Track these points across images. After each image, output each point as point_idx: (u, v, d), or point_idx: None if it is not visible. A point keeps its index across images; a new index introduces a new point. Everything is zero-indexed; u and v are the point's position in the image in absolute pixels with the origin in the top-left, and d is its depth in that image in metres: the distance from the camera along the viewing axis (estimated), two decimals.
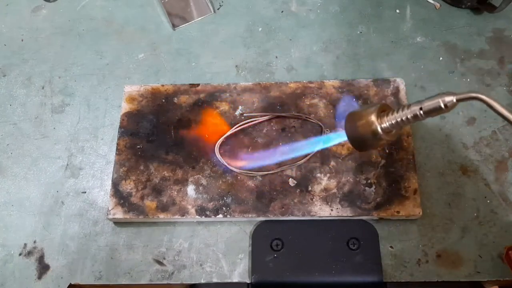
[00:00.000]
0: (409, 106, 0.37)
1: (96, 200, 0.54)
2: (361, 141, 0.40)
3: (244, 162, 0.51)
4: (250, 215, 0.50)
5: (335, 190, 0.51)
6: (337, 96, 0.56)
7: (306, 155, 0.52)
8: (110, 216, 0.51)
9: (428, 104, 0.36)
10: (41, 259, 0.51)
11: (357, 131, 0.40)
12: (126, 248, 0.51)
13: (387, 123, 0.38)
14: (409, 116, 0.37)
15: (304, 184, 0.51)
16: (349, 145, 0.52)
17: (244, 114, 0.55)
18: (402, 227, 0.51)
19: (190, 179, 0.52)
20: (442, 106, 0.35)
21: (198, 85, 0.58)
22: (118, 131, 0.55)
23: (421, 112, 0.36)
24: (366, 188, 0.51)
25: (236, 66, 0.62)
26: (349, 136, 0.41)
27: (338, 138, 0.51)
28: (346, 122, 0.41)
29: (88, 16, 0.67)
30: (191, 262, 0.50)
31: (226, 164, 0.52)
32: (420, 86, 0.58)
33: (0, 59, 0.64)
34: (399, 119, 0.38)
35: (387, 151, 0.52)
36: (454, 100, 0.35)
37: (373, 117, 0.39)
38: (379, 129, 0.38)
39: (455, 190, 0.52)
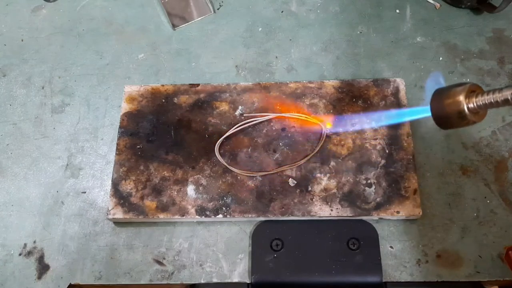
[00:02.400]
0: (500, 90, 0.36)
1: (96, 200, 0.54)
2: (446, 119, 0.39)
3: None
4: (250, 215, 0.50)
5: (335, 190, 0.51)
6: (337, 96, 0.56)
7: (306, 156, 0.52)
8: (110, 216, 0.51)
9: None
10: (41, 259, 0.51)
11: (443, 109, 0.38)
12: (126, 248, 0.51)
13: (475, 104, 0.37)
14: (499, 100, 0.36)
15: (304, 184, 0.51)
16: (349, 145, 0.53)
17: (244, 114, 0.55)
18: (402, 227, 0.51)
19: (190, 179, 0.52)
20: None
21: (198, 85, 0.58)
22: (118, 131, 0.55)
23: None
24: (366, 188, 0.51)
25: (236, 66, 0.62)
26: (434, 114, 0.39)
27: (422, 113, 0.49)
28: (433, 98, 0.39)
29: (88, 16, 0.67)
30: (191, 262, 0.50)
31: (226, 164, 0.52)
32: (420, 86, 0.58)
33: (0, 59, 0.64)
34: (488, 102, 0.36)
35: (387, 151, 0.52)
36: None
37: (461, 97, 0.37)
38: (466, 110, 0.37)
39: (455, 190, 0.52)
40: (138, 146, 0.54)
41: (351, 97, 0.56)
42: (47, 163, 0.57)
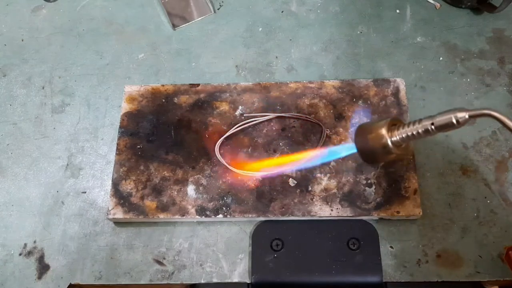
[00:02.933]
0: (420, 120, 0.37)
1: (96, 200, 0.54)
2: (371, 154, 0.40)
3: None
4: (250, 215, 0.50)
5: (335, 190, 0.51)
6: (337, 96, 0.56)
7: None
8: (110, 216, 0.51)
9: (440, 120, 0.36)
10: (41, 259, 0.51)
11: (367, 144, 0.39)
12: (126, 248, 0.51)
13: (398, 137, 0.38)
14: (420, 131, 0.37)
15: (304, 184, 0.51)
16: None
17: (244, 114, 0.55)
18: (402, 227, 0.51)
19: (190, 179, 0.52)
20: (454, 122, 0.35)
21: (198, 85, 0.58)
22: (118, 131, 0.55)
23: (433, 127, 0.36)
24: (366, 188, 0.51)
25: (236, 66, 0.62)
26: (359, 149, 0.40)
27: (347, 150, 0.50)
28: (356, 134, 0.41)
29: (88, 16, 0.67)
30: (191, 262, 0.50)
31: (226, 164, 0.52)
32: (420, 86, 0.58)
33: (0, 59, 0.64)
34: (409, 133, 0.38)
35: None
36: (467, 116, 0.35)
37: (383, 131, 0.38)
38: (389, 143, 0.38)
39: (455, 190, 0.52)
40: (138, 146, 0.54)
41: (351, 97, 0.56)
42: (47, 163, 0.57)
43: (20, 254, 0.52)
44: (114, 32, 0.65)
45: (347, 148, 0.49)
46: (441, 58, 0.60)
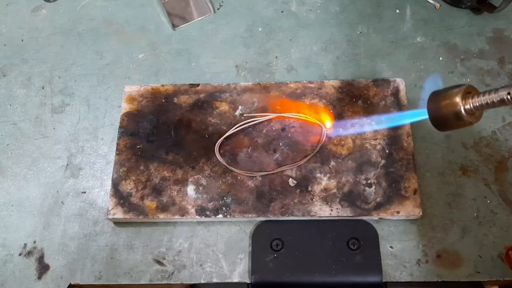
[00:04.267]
0: (496, 90, 0.36)
1: (96, 200, 0.54)
2: (443, 120, 0.39)
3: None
4: (250, 215, 0.50)
5: (335, 190, 0.51)
6: (337, 96, 0.56)
7: (306, 156, 0.52)
8: (110, 216, 0.51)
9: None
10: (41, 259, 0.51)
11: (440, 111, 0.39)
12: (126, 248, 0.51)
13: (472, 105, 0.38)
14: (495, 100, 0.36)
15: (304, 184, 0.51)
16: (349, 145, 0.53)
17: (244, 114, 0.55)
18: (402, 227, 0.51)
19: (190, 179, 0.52)
20: None
21: (198, 85, 0.58)
22: (118, 131, 0.55)
23: (509, 97, 0.36)
24: (366, 188, 0.51)
25: (236, 66, 0.62)
26: (431, 115, 0.40)
27: (419, 115, 0.49)
28: (429, 100, 0.40)
29: (88, 16, 0.67)
30: (191, 262, 0.50)
31: (226, 164, 0.52)
32: (420, 86, 0.58)
33: (0, 59, 0.64)
34: (484, 102, 0.37)
35: (387, 151, 0.52)
36: None
37: (457, 98, 0.38)
38: (462, 111, 0.38)
39: (455, 190, 0.52)
40: (138, 146, 0.54)
41: (351, 97, 0.56)
42: (47, 163, 0.57)
43: (20, 254, 0.52)
44: (114, 32, 0.65)
45: (418, 113, 0.48)
46: (441, 58, 0.60)
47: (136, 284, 0.50)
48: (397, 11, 0.65)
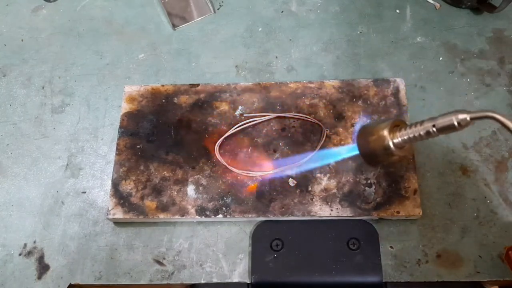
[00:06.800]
0: (422, 122, 0.37)
1: (96, 200, 0.54)
2: (373, 155, 0.40)
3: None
4: (250, 215, 0.50)
5: (335, 190, 0.51)
6: (337, 96, 0.56)
7: (307, 156, 0.52)
8: (110, 216, 0.51)
9: (442, 122, 0.36)
10: (41, 259, 0.51)
11: (369, 146, 0.40)
12: (126, 248, 0.51)
13: (400, 139, 0.38)
14: (421, 133, 0.37)
15: (304, 184, 0.51)
16: (349, 145, 0.53)
17: (244, 114, 0.55)
18: (402, 227, 0.51)
19: (190, 179, 0.52)
20: (456, 124, 0.35)
21: (198, 85, 0.58)
22: (118, 131, 0.55)
23: (434, 129, 0.36)
24: (366, 188, 0.51)
25: (236, 66, 0.62)
26: (361, 150, 0.41)
27: (349, 151, 0.51)
28: (358, 136, 0.41)
29: (88, 16, 0.67)
30: (191, 262, 0.50)
31: (226, 164, 0.52)
32: (420, 86, 0.58)
33: (0, 59, 0.64)
34: (411, 135, 0.38)
35: None
36: (468, 119, 0.35)
37: (385, 132, 0.39)
38: (391, 144, 0.38)
39: (455, 190, 0.52)
40: (138, 146, 0.54)
41: (351, 97, 0.56)
42: (47, 163, 0.57)
43: (20, 254, 0.52)
44: (114, 32, 0.65)
45: (349, 149, 0.50)
46: (441, 58, 0.60)
47: (136, 284, 0.50)
48: (397, 11, 0.65)
